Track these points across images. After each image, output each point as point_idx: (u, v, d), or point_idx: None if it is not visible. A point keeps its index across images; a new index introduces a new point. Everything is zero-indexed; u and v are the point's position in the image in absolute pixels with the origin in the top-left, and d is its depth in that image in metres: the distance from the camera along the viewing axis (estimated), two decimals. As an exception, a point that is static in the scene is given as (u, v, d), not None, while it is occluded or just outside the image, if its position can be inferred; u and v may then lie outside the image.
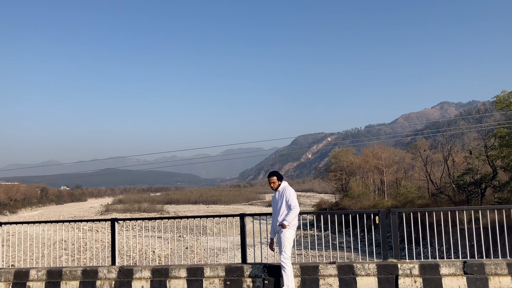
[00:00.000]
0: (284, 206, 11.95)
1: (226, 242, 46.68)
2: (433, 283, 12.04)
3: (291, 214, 11.81)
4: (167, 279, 13.32)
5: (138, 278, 13.48)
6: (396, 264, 12.43)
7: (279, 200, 12.10)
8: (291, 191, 12.13)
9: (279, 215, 11.96)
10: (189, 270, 13.33)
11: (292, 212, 11.82)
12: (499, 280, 11.90)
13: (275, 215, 12.23)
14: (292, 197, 11.98)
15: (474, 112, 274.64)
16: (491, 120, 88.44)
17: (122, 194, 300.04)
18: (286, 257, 11.71)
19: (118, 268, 13.75)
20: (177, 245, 43.89)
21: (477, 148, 65.91)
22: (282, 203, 11.98)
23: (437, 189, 70.27)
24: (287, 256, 11.73)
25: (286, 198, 11.96)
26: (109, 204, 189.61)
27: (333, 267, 12.63)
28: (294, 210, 11.86)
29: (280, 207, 11.99)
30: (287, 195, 11.99)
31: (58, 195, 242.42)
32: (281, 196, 12.10)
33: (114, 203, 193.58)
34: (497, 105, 55.14)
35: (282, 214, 11.92)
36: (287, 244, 11.76)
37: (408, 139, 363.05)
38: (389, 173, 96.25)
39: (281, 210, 11.96)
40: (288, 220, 11.76)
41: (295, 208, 11.86)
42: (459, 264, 12.19)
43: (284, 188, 12.16)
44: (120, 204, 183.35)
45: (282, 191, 12.12)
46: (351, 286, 12.36)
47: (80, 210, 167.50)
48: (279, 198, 12.14)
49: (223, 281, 13.04)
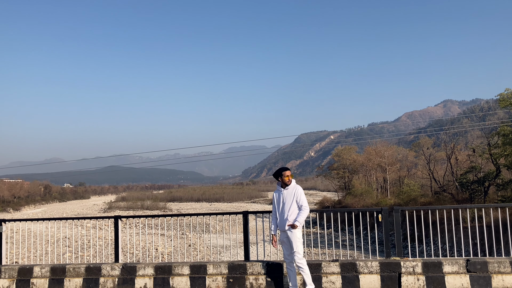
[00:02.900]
0: (294, 205, 11.86)
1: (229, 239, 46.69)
2: (436, 281, 12.04)
3: (303, 215, 11.76)
4: (170, 276, 13.36)
5: (141, 275, 13.53)
6: (399, 262, 12.44)
7: (289, 198, 11.94)
8: (302, 191, 12.06)
9: (288, 214, 11.83)
10: (192, 267, 13.37)
11: (304, 213, 11.78)
12: (502, 278, 11.90)
13: (281, 212, 12.03)
14: (304, 198, 11.94)
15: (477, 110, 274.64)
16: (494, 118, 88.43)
17: (125, 192, 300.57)
18: (301, 257, 11.70)
19: (122, 265, 13.80)
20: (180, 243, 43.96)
21: (480, 146, 65.82)
22: (292, 202, 11.87)
23: (440, 187, 70.22)
24: (301, 256, 11.71)
25: (297, 197, 11.87)
26: (112, 201, 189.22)
27: (335, 265, 12.64)
28: (306, 211, 11.83)
29: (290, 206, 11.87)
30: (298, 194, 11.90)
31: (61, 193, 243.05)
32: (291, 195, 11.94)
33: (117, 201, 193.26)
34: (500, 103, 55.05)
35: (292, 213, 11.82)
36: (299, 244, 11.72)
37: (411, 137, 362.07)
38: (392, 171, 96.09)
39: (290, 210, 11.85)
40: (300, 221, 11.69)
41: (306, 209, 11.83)
42: (462, 262, 12.19)
43: (295, 187, 12.04)
44: (123, 202, 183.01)
45: (293, 190, 11.98)
46: (354, 284, 12.38)
47: (83, 207, 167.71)
48: (288, 196, 11.97)
49: (225, 279, 13.08)
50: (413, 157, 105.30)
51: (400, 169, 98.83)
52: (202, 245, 57.58)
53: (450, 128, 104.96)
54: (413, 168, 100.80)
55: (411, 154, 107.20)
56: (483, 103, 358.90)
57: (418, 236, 50.99)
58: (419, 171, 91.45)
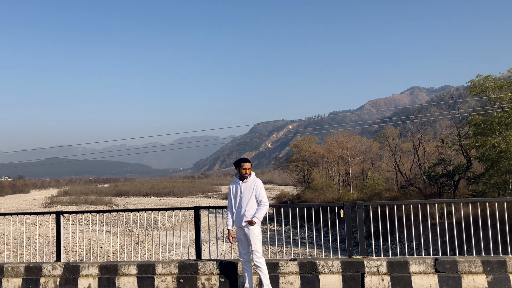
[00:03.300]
0: (253, 200, 11.80)
1: (180, 237, 46.70)
2: (402, 282, 12.09)
3: (262, 211, 11.73)
4: (116, 276, 13.29)
5: (85, 275, 13.44)
6: (362, 261, 12.46)
7: (247, 192, 11.86)
8: (261, 185, 12.01)
9: (246, 209, 11.77)
10: (140, 267, 13.31)
11: (263, 209, 11.75)
12: (473, 279, 11.98)
13: (238, 207, 11.95)
14: (263, 192, 11.90)
15: (447, 98, 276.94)
16: (465, 106, 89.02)
17: (68, 186, 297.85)
18: (259, 256, 11.71)
19: (64, 265, 13.69)
20: (126, 240, 43.86)
21: (450, 137, 66.52)
22: (251, 197, 11.80)
23: (407, 180, 70.80)
24: (260, 255, 11.72)
25: (256, 192, 11.81)
26: (54, 196, 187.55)
27: (294, 264, 12.64)
28: (265, 207, 11.81)
29: (248, 201, 11.81)
30: (257, 188, 11.84)
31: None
32: (250, 188, 11.86)
33: (59, 195, 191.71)
34: (471, 91, 55.64)
35: (250, 209, 11.77)
36: (258, 242, 11.70)
37: (375, 127, 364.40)
38: (355, 163, 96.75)
39: (248, 205, 11.79)
40: (258, 217, 11.66)
41: (265, 205, 11.81)
42: (430, 261, 12.25)
43: (254, 180, 11.96)
44: (66, 196, 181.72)
45: (252, 183, 11.91)
46: (314, 284, 12.38)
47: (23, 202, 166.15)
48: (246, 189, 11.88)
49: (176, 279, 13.03)
50: (378, 149, 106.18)
51: (364, 161, 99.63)
52: (151, 243, 57.34)
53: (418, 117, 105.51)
54: (377, 160, 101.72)
55: (375, 145, 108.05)
56: (453, 91, 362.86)
57: (383, 233, 51.47)
58: (384, 164, 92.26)
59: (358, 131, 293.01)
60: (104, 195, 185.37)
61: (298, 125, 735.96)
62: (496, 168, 47.88)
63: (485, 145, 49.77)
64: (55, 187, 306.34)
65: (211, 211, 15.47)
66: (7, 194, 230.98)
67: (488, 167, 50.35)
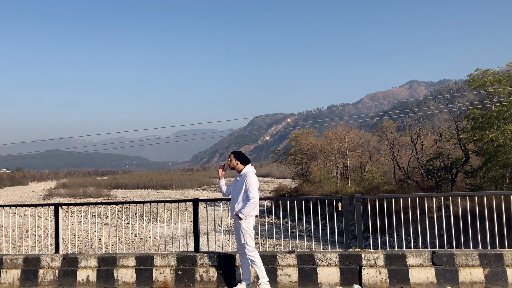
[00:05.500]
0: (242, 194, 11.72)
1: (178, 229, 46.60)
2: (399, 274, 12.09)
3: (248, 207, 11.57)
4: (114, 268, 13.25)
5: (83, 267, 13.40)
6: (360, 254, 12.44)
7: (239, 186, 11.83)
8: (252, 179, 11.77)
9: (237, 202, 11.76)
10: (138, 258, 13.28)
11: (250, 205, 11.56)
12: (470, 272, 11.98)
13: (232, 200, 12.00)
14: (253, 187, 11.66)
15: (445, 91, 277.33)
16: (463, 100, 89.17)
17: (66, 178, 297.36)
18: (251, 249, 11.64)
19: (62, 256, 13.65)
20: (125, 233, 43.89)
21: (448, 131, 66.58)
22: (242, 191, 11.73)
23: (405, 174, 70.88)
24: (251, 248, 11.64)
25: (246, 186, 11.67)
26: (53, 188, 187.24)
27: (292, 256, 12.62)
28: (252, 202, 11.58)
29: (239, 194, 11.76)
30: (247, 183, 11.68)
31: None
32: (241, 183, 11.81)
33: (58, 187, 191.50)
34: (470, 85, 55.64)
35: (239, 203, 11.72)
36: (247, 236, 11.61)
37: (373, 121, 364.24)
38: (353, 157, 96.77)
39: (239, 198, 11.74)
40: (245, 212, 11.54)
41: (252, 200, 11.57)
42: (427, 254, 12.24)
43: (246, 174, 11.85)
44: (64, 188, 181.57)
45: (244, 177, 11.83)
46: (311, 277, 12.38)
47: (21, 194, 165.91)
48: (239, 184, 11.86)
49: (174, 271, 13.00)
50: (376, 142, 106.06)
51: (362, 154, 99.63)
52: (149, 235, 57.52)
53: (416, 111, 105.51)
54: (375, 154, 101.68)
55: (373, 138, 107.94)
56: (451, 84, 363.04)
57: (381, 226, 51.57)
58: (382, 157, 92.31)
59: (357, 124, 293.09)
60: (103, 188, 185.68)
61: (296, 118, 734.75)
62: (494, 162, 47.93)
63: (483, 139, 49.82)
64: (53, 179, 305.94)
65: (210, 203, 15.45)
66: (6, 186, 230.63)
67: (486, 161, 50.41)
